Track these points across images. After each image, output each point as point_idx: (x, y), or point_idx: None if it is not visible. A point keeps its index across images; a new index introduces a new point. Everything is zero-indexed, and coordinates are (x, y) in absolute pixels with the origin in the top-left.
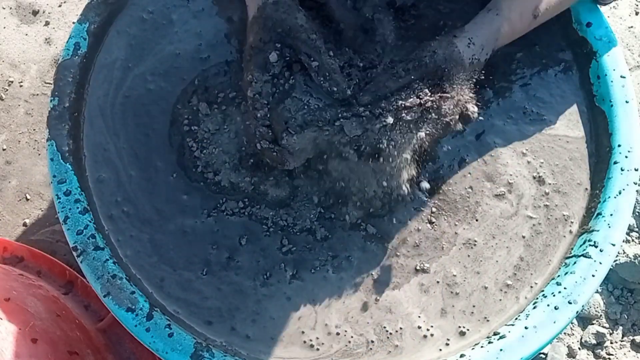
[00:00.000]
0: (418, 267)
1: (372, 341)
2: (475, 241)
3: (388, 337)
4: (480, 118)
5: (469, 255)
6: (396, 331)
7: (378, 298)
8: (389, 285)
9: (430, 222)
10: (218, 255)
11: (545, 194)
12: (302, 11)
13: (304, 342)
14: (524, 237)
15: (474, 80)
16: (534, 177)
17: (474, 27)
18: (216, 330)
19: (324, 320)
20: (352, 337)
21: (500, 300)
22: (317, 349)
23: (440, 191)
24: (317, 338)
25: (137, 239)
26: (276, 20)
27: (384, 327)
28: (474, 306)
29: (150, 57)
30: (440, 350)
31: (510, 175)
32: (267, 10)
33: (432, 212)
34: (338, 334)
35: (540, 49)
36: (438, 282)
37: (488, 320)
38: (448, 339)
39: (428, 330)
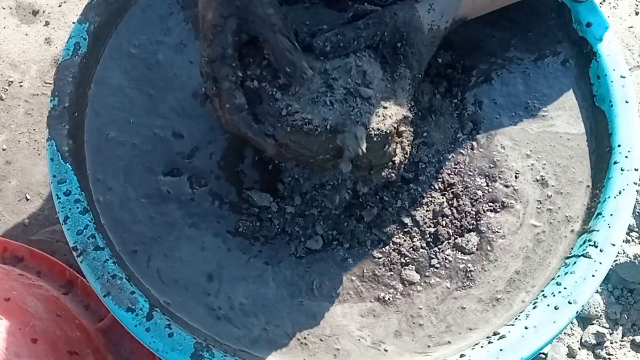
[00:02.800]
0: (380, 297)
1: (303, 341)
2: (472, 270)
3: (321, 339)
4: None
5: (454, 286)
6: (328, 336)
7: (303, 302)
8: (331, 297)
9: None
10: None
11: (548, 197)
12: None
13: (208, 307)
14: (526, 248)
15: (433, 49)
16: (537, 180)
17: None
18: (137, 262)
19: (228, 293)
20: (266, 325)
21: (487, 311)
22: (230, 322)
23: (452, 209)
24: (220, 308)
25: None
26: None
27: (305, 328)
28: (447, 327)
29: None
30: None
31: (516, 181)
32: None
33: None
34: (242, 310)
35: (535, 36)
36: (398, 312)
37: (471, 329)
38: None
39: (380, 345)
